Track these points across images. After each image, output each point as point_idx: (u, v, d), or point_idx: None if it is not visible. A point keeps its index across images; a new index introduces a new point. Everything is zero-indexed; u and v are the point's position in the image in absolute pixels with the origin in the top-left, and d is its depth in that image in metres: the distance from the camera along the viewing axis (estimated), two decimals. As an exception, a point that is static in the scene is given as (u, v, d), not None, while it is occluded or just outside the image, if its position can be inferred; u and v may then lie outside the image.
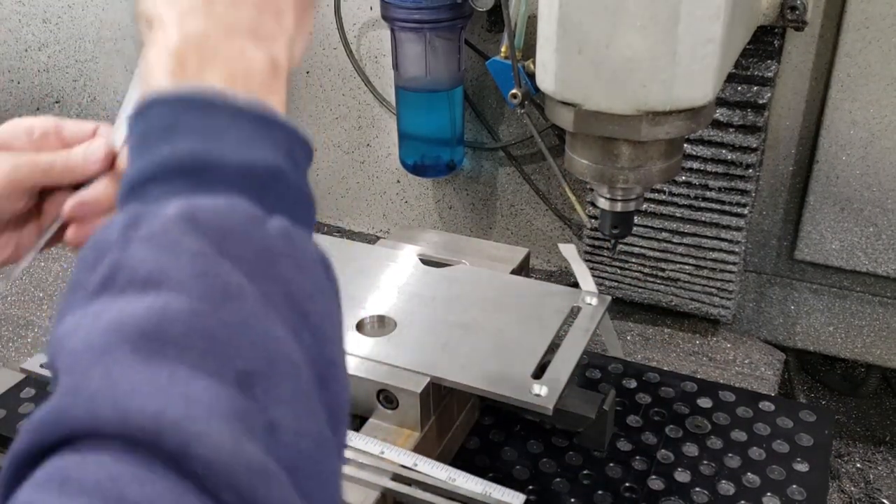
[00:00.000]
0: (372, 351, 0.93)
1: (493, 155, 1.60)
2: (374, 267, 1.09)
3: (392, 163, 1.68)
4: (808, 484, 0.93)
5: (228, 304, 0.40)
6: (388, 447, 0.86)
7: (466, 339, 0.94)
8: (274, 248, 0.43)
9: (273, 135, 0.47)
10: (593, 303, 1.01)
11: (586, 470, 0.96)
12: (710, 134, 1.17)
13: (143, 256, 0.41)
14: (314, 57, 1.65)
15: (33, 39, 1.68)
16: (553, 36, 0.78)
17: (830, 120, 1.19)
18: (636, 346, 1.37)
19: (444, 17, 1.34)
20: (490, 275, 1.08)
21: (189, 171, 0.44)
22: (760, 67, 1.12)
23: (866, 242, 1.24)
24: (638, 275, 1.35)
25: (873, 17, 1.11)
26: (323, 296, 0.44)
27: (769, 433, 1.01)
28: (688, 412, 1.04)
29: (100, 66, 1.68)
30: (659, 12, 0.73)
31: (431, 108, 1.46)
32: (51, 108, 1.72)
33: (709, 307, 1.34)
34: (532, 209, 1.62)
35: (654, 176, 0.85)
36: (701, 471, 0.96)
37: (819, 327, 1.37)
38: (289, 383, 0.40)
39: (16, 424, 1.02)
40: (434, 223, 1.72)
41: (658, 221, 1.28)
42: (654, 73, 0.76)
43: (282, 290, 0.42)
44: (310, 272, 0.44)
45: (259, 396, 0.39)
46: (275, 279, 0.42)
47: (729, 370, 1.31)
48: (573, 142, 0.87)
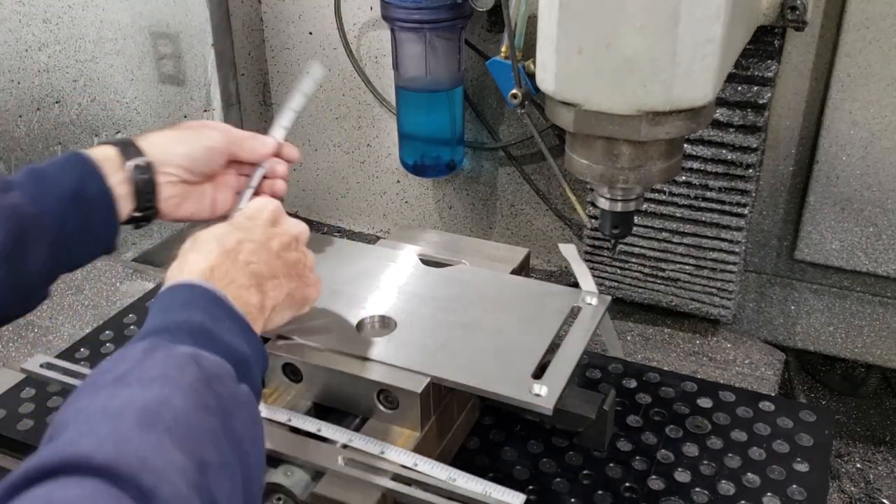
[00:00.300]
0: (372, 351, 0.93)
1: (493, 155, 1.60)
2: (374, 267, 1.09)
3: (392, 163, 1.68)
4: (808, 484, 0.93)
5: (206, 415, 0.60)
6: (388, 447, 0.86)
7: (466, 339, 0.94)
8: (240, 397, 0.66)
9: (249, 338, 0.73)
10: (593, 303, 1.01)
11: (586, 470, 0.96)
12: (710, 134, 1.17)
13: (155, 366, 0.62)
14: (314, 57, 1.65)
15: (33, 39, 1.68)
16: (553, 36, 0.78)
17: (830, 120, 1.19)
18: (636, 346, 1.37)
19: (444, 17, 1.34)
20: (490, 275, 1.08)
21: (196, 334, 0.68)
22: (760, 67, 1.12)
23: (866, 242, 1.24)
24: (638, 275, 1.35)
25: (873, 17, 1.11)
26: (255, 432, 0.66)
27: (769, 433, 1.01)
28: (688, 412, 1.04)
29: (100, 66, 1.68)
30: (659, 12, 0.73)
31: (431, 108, 1.46)
32: (51, 108, 1.72)
33: (709, 307, 1.34)
34: (532, 209, 1.62)
35: (654, 176, 0.85)
36: (701, 471, 0.96)
37: (819, 327, 1.37)
38: (228, 480, 0.59)
39: (16, 424, 1.02)
40: (434, 223, 1.72)
41: (658, 221, 1.28)
42: (654, 73, 0.76)
43: (237, 422, 0.63)
44: (253, 419, 0.67)
45: (210, 480, 0.57)
46: (234, 415, 0.63)
47: (729, 370, 1.31)
48: (573, 142, 0.87)
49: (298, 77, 1.06)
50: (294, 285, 0.84)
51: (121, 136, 0.92)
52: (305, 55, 1.66)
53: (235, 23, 1.62)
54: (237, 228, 0.83)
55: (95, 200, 0.86)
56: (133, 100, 1.69)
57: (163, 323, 0.69)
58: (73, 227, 0.84)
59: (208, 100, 1.63)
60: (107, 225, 0.88)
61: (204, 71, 1.61)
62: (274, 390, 0.96)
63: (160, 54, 1.63)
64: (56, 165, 0.85)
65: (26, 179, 0.84)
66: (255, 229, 0.83)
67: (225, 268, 0.76)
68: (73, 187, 0.84)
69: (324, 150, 1.74)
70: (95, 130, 1.73)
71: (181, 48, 1.61)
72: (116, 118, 1.71)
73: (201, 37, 1.58)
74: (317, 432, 0.89)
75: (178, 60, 1.62)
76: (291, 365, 0.94)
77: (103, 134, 1.73)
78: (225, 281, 0.75)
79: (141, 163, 0.88)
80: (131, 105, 1.69)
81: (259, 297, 0.78)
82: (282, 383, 0.95)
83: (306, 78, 1.06)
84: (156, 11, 1.59)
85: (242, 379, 0.69)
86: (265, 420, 0.90)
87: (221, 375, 0.66)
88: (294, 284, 0.84)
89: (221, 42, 1.60)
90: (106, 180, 0.86)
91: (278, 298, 0.81)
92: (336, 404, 0.94)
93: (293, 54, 1.67)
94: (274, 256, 0.82)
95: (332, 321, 0.97)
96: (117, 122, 1.71)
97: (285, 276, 0.83)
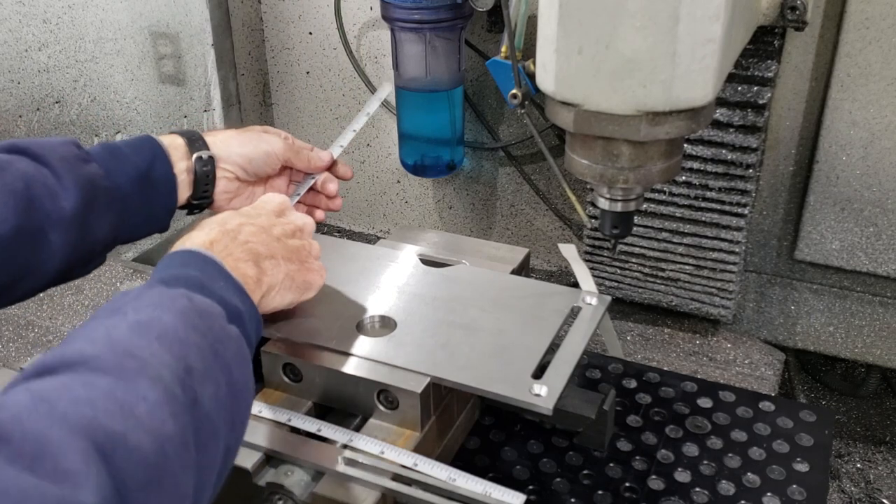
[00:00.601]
0: (372, 351, 0.93)
1: (493, 155, 1.60)
2: (374, 267, 1.09)
3: (392, 163, 1.68)
4: (808, 484, 0.93)
5: (194, 333, 0.66)
6: (388, 447, 0.86)
7: (466, 339, 0.94)
8: (230, 333, 0.71)
9: (243, 298, 0.77)
10: (593, 303, 1.01)
11: (586, 470, 0.96)
12: (710, 134, 1.17)
13: (149, 299, 0.68)
14: (314, 57, 1.65)
15: (33, 39, 1.68)
16: (553, 36, 0.78)
17: (830, 120, 1.19)
18: (636, 346, 1.37)
19: (444, 17, 1.34)
20: (490, 275, 1.08)
21: (191, 284, 0.73)
22: (760, 67, 1.12)
23: (866, 242, 1.24)
24: (638, 275, 1.35)
25: (873, 17, 1.11)
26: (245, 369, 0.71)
27: (769, 433, 1.01)
28: (688, 412, 1.04)
29: (100, 66, 1.68)
30: (659, 12, 0.73)
31: (431, 108, 1.46)
32: (51, 108, 1.72)
33: (709, 307, 1.34)
34: (532, 209, 1.62)
35: (654, 176, 0.85)
36: (701, 471, 0.96)
37: (819, 327, 1.37)
38: (212, 387, 0.64)
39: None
40: (434, 223, 1.72)
41: (658, 221, 1.28)
42: (654, 73, 0.76)
43: (226, 351, 0.68)
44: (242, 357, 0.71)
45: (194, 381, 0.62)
46: (223, 344, 0.68)
47: (729, 370, 1.31)
48: (573, 142, 0.87)
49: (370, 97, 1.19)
50: (294, 268, 0.88)
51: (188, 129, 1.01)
52: (305, 55, 1.66)
53: (235, 23, 1.62)
54: (240, 214, 0.88)
55: (160, 183, 0.94)
56: (133, 100, 1.69)
57: (160, 277, 0.74)
58: (138, 203, 0.92)
59: (208, 100, 1.63)
60: (166, 206, 0.96)
61: (204, 71, 1.61)
62: (274, 390, 0.96)
63: (160, 54, 1.63)
64: (130, 146, 0.93)
65: (103, 153, 0.90)
66: (258, 217, 0.89)
67: (224, 243, 0.81)
68: (143, 167, 0.92)
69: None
70: (95, 130, 1.73)
71: (181, 48, 1.61)
72: (116, 118, 1.71)
73: (201, 37, 1.58)
74: (317, 432, 0.89)
75: (178, 60, 1.62)
76: (291, 365, 0.94)
77: (103, 134, 1.73)
78: (223, 253, 0.80)
79: (204, 155, 0.96)
80: (131, 105, 1.69)
81: (256, 272, 0.82)
82: (282, 383, 0.95)
83: (373, 98, 1.19)
84: (156, 11, 1.59)
85: (233, 321, 0.73)
86: (265, 420, 0.91)
87: (212, 313, 0.70)
88: (294, 267, 0.88)
89: (221, 42, 1.60)
90: (173, 166, 0.94)
91: (276, 277, 0.85)
92: (336, 404, 0.94)
93: (293, 54, 1.67)
94: (274, 240, 0.87)
95: (332, 321, 0.97)
96: (117, 122, 1.71)
97: (285, 259, 0.86)
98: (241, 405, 0.69)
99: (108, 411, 0.54)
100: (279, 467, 0.87)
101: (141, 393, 0.57)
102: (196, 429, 0.60)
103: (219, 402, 0.64)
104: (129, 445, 0.53)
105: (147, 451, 0.54)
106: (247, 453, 0.87)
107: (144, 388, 0.57)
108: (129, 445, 0.53)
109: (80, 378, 0.56)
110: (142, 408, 0.56)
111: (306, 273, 0.90)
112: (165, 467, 0.55)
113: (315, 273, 0.92)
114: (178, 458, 0.56)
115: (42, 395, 0.53)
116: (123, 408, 0.55)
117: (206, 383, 0.63)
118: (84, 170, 0.87)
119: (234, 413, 0.66)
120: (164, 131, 1.68)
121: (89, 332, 0.62)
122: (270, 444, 0.88)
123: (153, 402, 0.57)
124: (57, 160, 0.85)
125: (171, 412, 0.57)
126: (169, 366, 0.60)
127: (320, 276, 0.93)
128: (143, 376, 0.58)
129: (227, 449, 0.65)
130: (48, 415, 0.52)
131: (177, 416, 0.58)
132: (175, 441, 0.57)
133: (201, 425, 0.60)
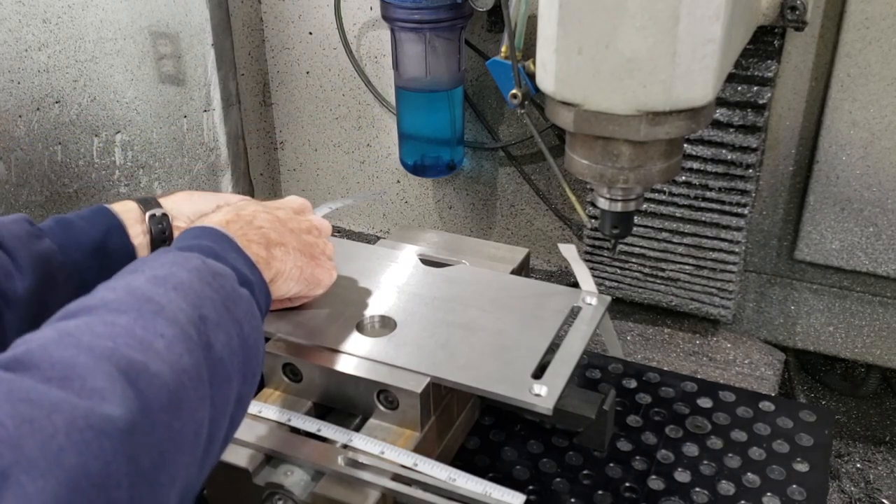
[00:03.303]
0: (372, 351, 0.93)
1: (493, 155, 1.60)
2: (374, 267, 1.09)
3: (392, 163, 1.68)
4: (808, 484, 0.93)
5: (207, 287, 0.69)
6: (388, 447, 0.86)
7: (466, 339, 0.94)
8: (241, 294, 0.74)
9: (253, 270, 0.80)
10: (593, 303, 1.01)
11: (586, 470, 0.96)
12: (710, 134, 1.17)
13: (164, 261, 0.71)
14: (314, 57, 1.65)
15: (33, 39, 1.68)
16: (553, 36, 0.78)
17: (830, 120, 1.19)
18: (636, 346, 1.37)
19: (444, 17, 1.34)
20: (490, 275, 1.08)
21: (206, 252, 0.76)
22: (760, 67, 1.12)
23: (866, 242, 1.24)
24: (638, 275, 1.35)
25: (873, 17, 1.11)
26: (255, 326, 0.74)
27: (769, 433, 1.01)
28: (688, 412, 1.04)
29: (100, 66, 1.68)
30: (659, 12, 0.73)
31: (431, 108, 1.46)
32: (51, 108, 1.72)
33: (709, 307, 1.34)
34: (532, 209, 1.62)
35: (654, 176, 0.85)
36: (701, 471, 0.96)
37: (819, 327, 1.37)
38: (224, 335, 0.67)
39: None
40: (434, 223, 1.72)
41: (658, 221, 1.28)
42: (654, 73, 0.76)
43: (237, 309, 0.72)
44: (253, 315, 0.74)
45: (208, 328, 0.66)
46: (235, 302, 0.72)
47: (729, 370, 1.31)
48: (573, 142, 0.87)
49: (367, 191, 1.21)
50: (305, 261, 0.90)
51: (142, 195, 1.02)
52: (305, 55, 1.66)
53: (235, 23, 1.62)
54: (259, 204, 0.92)
55: (117, 252, 0.92)
56: (133, 100, 1.68)
57: (176, 246, 0.78)
58: (96, 276, 0.88)
59: (208, 100, 1.63)
60: None
61: (204, 71, 1.61)
62: (274, 390, 0.96)
63: (160, 54, 1.63)
64: (83, 218, 0.92)
65: (56, 228, 0.90)
66: (277, 210, 0.92)
67: (239, 224, 0.84)
68: (98, 238, 0.91)
69: (324, 150, 1.74)
70: (95, 130, 1.73)
71: (181, 48, 1.61)
72: (116, 118, 1.71)
73: (201, 37, 1.58)
74: (317, 432, 0.89)
75: (178, 60, 1.62)
76: (291, 365, 0.94)
77: (103, 134, 1.73)
78: (238, 233, 0.82)
79: (158, 213, 0.97)
80: (131, 105, 1.69)
81: (266, 254, 0.84)
82: (282, 383, 0.95)
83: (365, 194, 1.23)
84: (156, 11, 1.59)
85: (245, 286, 0.76)
86: (265, 420, 0.91)
87: (225, 274, 0.74)
88: (305, 260, 0.90)
89: (221, 42, 1.60)
90: (128, 234, 0.94)
91: (285, 264, 0.87)
92: (336, 404, 0.94)
93: (293, 54, 1.67)
94: (287, 231, 0.89)
95: (332, 321, 0.97)
96: (117, 122, 1.71)
97: (296, 250, 0.89)
98: (253, 360, 0.72)
99: (129, 344, 0.58)
100: (279, 467, 0.87)
101: (159, 330, 0.61)
102: (210, 367, 0.64)
103: (231, 351, 0.67)
104: (151, 371, 0.57)
105: (167, 378, 0.58)
106: (247, 453, 0.87)
107: (162, 327, 0.61)
108: (150, 371, 0.57)
109: (101, 318, 0.60)
110: (160, 343, 0.60)
111: (316, 268, 0.92)
112: (183, 395, 0.59)
113: (325, 270, 0.94)
114: (195, 390, 0.61)
115: (67, 331, 0.58)
116: (143, 341, 0.59)
117: (218, 332, 0.66)
118: (38, 247, 0.85)
119: (246, 365, 0.70)
120: (165, 131, 1.68)
121: (109, 284, 0.66)
122: (270, 444, 0.88)
123: (170, 338, 0.61)
124: (9, 239, 0.84)
125: (187, 348, 0.62)
126: (184, 310, 0.64)
127: (330, 276, 0.95)
128: (160, 317, 0.62)
129: (238, 397, 0.68)
130: (74, 345, 0.56)
131: (192, 353, 0.62)
132: (191, 373, 0.61)
133: (214, 367, 0.64)
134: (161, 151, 1.71)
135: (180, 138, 1.68)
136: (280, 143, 1.78)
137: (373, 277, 1.07)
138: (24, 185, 1.79)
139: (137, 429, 0.53)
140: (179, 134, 1.68)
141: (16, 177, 1.79)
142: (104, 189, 1.77)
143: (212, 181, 1.70)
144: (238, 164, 1.70)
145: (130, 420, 0.53)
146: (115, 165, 1.75)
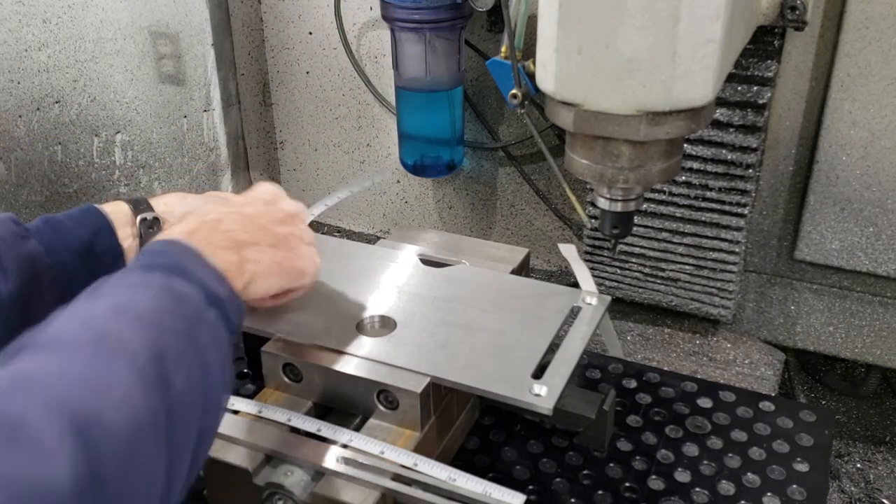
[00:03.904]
0: (372, 351, 0.93)
1: (493, 155, 1.60)
2: (374, 267, 1.09)
3: (392, 163, 1.68)
4: (808, 484, 0.93)
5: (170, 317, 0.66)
6: (388, 447, 0.86)
7: (466, 339, 0.94)
8: (207, 317, 0.71)
9: (223, 285, 0.76)
10: (593, 303, 1.01)
11: (586, 470, 0.96)
12: (710, 134, 1.17)
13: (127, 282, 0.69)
14: (314, 57, 1.65)
15: (33, 39, 1.68)
16: (553, 36, 0.78)
17: (830, 120, 1.19)
18: (636, 346, 1.37)
19: (444, 17, 1.34)
20: (490, 275, 1.08)
21: (170, 269, 0.72)
22: (760, 67, 1.12)
23: (866, 242, 1.24)
24: (638, 275, 1.35)
25: (873, 17, 1.11)
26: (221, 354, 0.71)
27: (769, 433, 1.01)
28: (688, 412, 1.04)
29: (100, 66, 1.68)
30: (659, 12, 0.73)
31: (431, 108, 1.46)
32: (51, 108, 1.72)
33: (709, 307, 1.34)
34: (532, 209, 1.62)
35: (654, 176, 0.85)
36: (701, 471, 0.96)
37: (819, 327, 1.37)
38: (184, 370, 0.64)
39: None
40: (434, 223, 1.72)
41: (658, 221, 1.28)
42: (654, 73, 0.76)
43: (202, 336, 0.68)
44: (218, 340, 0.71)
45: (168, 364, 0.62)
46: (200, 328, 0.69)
47: (729, 370, 1.31)
48: (573, 142, 0.87)
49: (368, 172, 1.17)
50: (282, 254, 0.86)
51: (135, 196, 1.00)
52: (305, 55, 1.66)
53: (235, 23, 1.62)
54: (225, 204, 0.88)
55: (105, 254, 0.91)
56: (133, 100, 1.68)
57: (139, 263, 0.73)
58: (83, 278, 0.87)
59: (208, 100, 1.63)
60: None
61: (204, 71, 1.61)
62: (274, 390, 0.96)
63: (160, 54, 1.63)
64: (72, 218, 0.90)
65: (43, 228, 0.88)
66: (244, 206, 0.88)
67: (204, 233, 0.80)
68: (87, 239, 0.89)
69: (324, 150, 1.74)
70: (95, 130, 1.73)
71: (181, 48, 1.61)
72: (116, 118, 1.71)
73: (201, 37, 1.58)
74: (317, 432, 0.89)
75: (178, 60, 1.62)
76: (291, 365, 0.94)
77: (103, 134, 1.73)
78: (203, 242, 0.78)
79: (149, 216, 0.95)
80: (131, 105, 1.69)
81: (237, 259, 0.80)
82: (282, 383, 0.95)
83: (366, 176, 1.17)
84: (156, 11, 1.59)
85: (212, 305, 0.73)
86: (265, 420, 0.91)
87: (189, 296, 0.70)
88: (282, 254, 0.86)
89: (221, 42, 1.60)
90: (117, 235, 0.92)
91: (260, 264, 0.83)
92: (336, 404, 0.94)
93: (293, 54, 1.67)
94: (258, 228, 0.85)
95: (332, 321, 0.97)
96: (117, 122, 1.71)
97: (269, 246, 0.85)
98: (215, 389, 0.69)
99: (84, 390, 0.55)
100: (279, 467, 0.87)
101: (116, 373, 0.58)
102: (168, 411, 0.60)
103: (192, 386, 0.64)
104: (105, 423, 0.54)
105: (122, 429, 0.55)
106: (247, 453, 0.87)
107: (118, 368, 0.58)
108: (104, 423, 0.54)
109: (56, 357, 0.57)
110: (116, 389, 0.57)
111: (296, 259, 0.88)
112: (139, 447, 0.56)
113: (306, 259, 0.90)
114: (152, 439, 0.58)
115: (18, 375, 0.55)
116: (99, 387, 0.56)
117: (179, 368, 0.63)
118: (23, 248, 0.84)
119: (207, 396, 0.67)
120: (165, 131, 1.68)
121: (67, 313, 0.63)
122: (270, 444, 0.88)
123: (127, 384, 0.58)
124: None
125: (145, 393, 0.58)
126: (145, 345, 0.61)
127: (312, 263, 0.90)
128: (117, 357, 0.59)
129: (200, 432, 0.65)
130: (25, 394, 0.53)
131: (150, 398, 0.59)
132: (147, 421, 0.58)
133: (174, 408, 0.61)
134: (161, 151, 1.71)
135: (180, 138, 1.69)
136: (280, 143, 1.78)
137: (373, 277, 1.07)
138: (24, 185, 1.79)
139: (86, 490, 0.51)
140: (179, 134, 1.68)
141: (16, 177, 1.79)
142: (104, 189, 1.77)
143: (212, 181, 1.70)
144: (238, 164, 1.70)
145: (78, 485, 0.50)
146: (115, 165, 1.75)
